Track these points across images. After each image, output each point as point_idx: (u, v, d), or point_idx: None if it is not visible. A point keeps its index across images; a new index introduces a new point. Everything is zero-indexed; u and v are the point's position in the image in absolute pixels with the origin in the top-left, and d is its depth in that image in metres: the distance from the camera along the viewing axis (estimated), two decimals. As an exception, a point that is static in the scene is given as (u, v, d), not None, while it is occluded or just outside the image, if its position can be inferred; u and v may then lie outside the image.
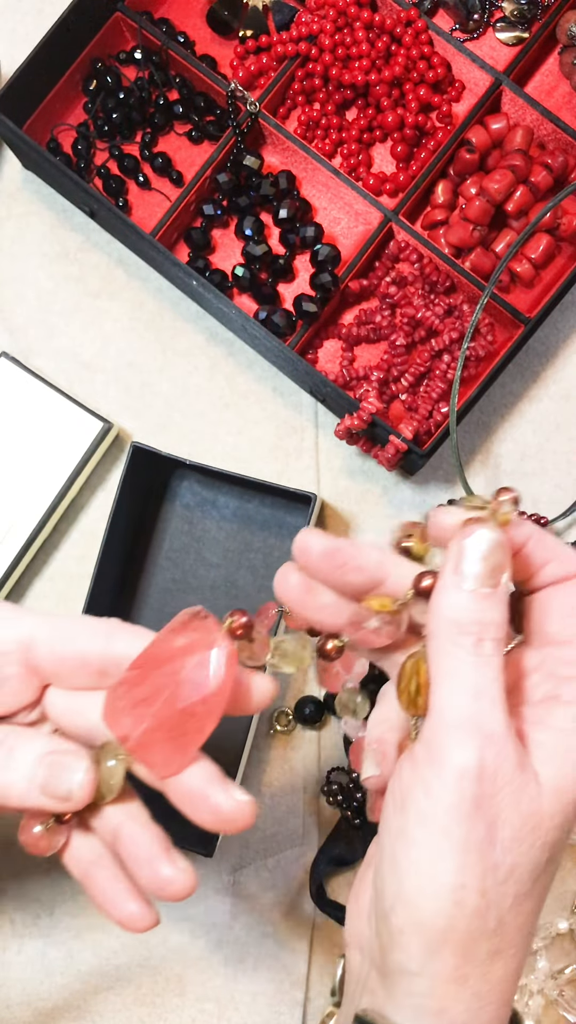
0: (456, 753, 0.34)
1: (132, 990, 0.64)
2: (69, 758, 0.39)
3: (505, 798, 0.34)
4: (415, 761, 0.35)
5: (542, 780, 0.35)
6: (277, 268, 0.70)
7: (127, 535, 0.68)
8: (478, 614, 0.35)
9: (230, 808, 0.39)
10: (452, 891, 0.34)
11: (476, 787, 0.34)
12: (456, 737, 0.34)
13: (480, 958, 0.35)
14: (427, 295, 0.68)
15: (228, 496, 0.68)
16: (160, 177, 0.72)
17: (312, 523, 0.64)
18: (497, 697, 0.35)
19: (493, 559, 0.36)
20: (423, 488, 0.69)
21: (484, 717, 0.35)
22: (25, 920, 0.66)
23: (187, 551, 0.69)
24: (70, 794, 0.39)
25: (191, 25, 0.73)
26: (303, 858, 0.65)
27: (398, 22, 0.69)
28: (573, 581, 0.39)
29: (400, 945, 0.35)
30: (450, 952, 0.34)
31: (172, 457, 0.65)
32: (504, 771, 0.34)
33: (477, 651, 0.35)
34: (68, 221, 0.72)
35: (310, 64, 0.70)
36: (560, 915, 0.65)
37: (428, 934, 0.34)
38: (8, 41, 0.74)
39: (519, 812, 0.34)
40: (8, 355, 0.68)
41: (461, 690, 0.35)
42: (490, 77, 0.68)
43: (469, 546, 0.36)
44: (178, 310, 0.71)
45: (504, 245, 0.69)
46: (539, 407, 0.70)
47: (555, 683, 0.37)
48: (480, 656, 0.35)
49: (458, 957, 0.34)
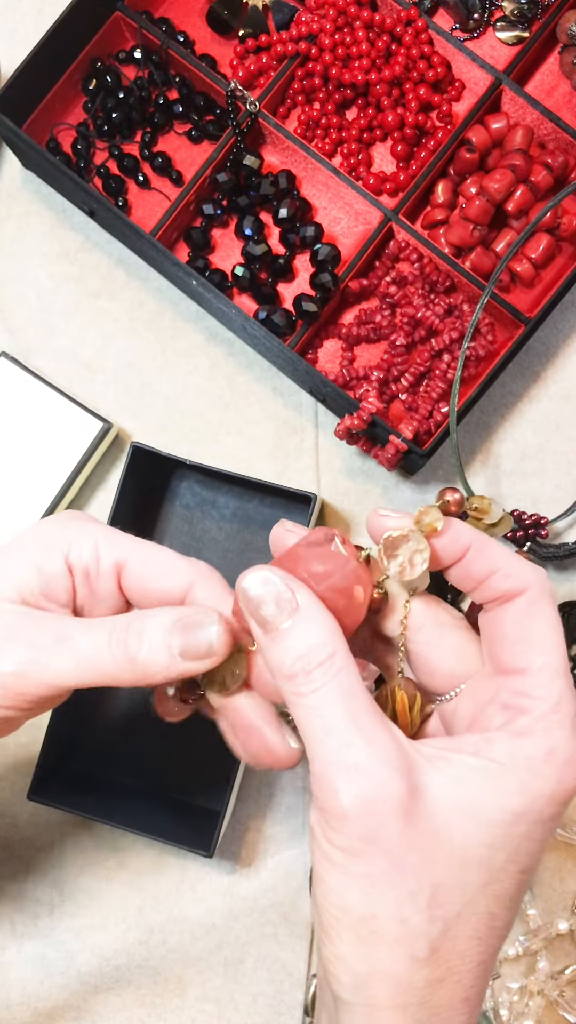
0: (328, 798, 0.33)
1: (132, 991, 0.64)
2: (199, 615, 0.39)
3: (397, 824, 0.33)
4: (312, 810, 0.35)
5: (437, 795, 0.34)
6: (277, 268, 0.70)
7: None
8: (289, 652, 0.34)
9: (283, 751, 0.40)
10: (364, 922, 0.33)
11: (359, 825, 0.33)
12: (324, 783, 0.33)
13: (417, 986, 0.34)
14: (427, 295, 0.68)
15: (228, 496, 0.68)
16: (160, 177, 0.72)
17: (312, 523, 0.64)
18: (350, 727, 0.34)
19: (271, 593, 0.35)
20: (423, 488, 0.69)
21: (341, 754, 0.33)
22: (25, 921, 0.65)
23: (187, 551, 0.68)
24: (210, 647, 0.39)
25: (191, 24, 0.73)
26: (303, 858, 0.65)
27: (398, 21, 0.69)
28: (518, 601, 0.37)
29: (333, 976, 0.35)
30: (379, 982, 0.34)
31: (172, 457, 0.65)
32: (385, 797, 0.33)
33: (310, 686, 0.34)
34: (68, 221, 0.72)
35: (310, 63, 0.70)
36: (560, 915, 0.65)
37: (352, 965, 0.34)
38: (8, 41, 0.74)
39: (420, 833, 0.33)
40: (8, 355, 0.68)
41: (314, 735, 0.34)
42: (490, 76, 0.68)
43: (249, 598, 0.35)
44: (178, 310, 0.71)
45: (504, 245, 0.68)
46: (539, 407, 0.70)
47: (509, 715, 0.36)
48: (314, 692, 0.34)
49: (390, 987, 0.34)
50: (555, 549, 0.66)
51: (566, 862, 0.65)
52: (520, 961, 0.65)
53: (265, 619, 0.35)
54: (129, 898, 0.65)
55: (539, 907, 0.65)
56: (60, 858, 0.66)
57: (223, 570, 0.68)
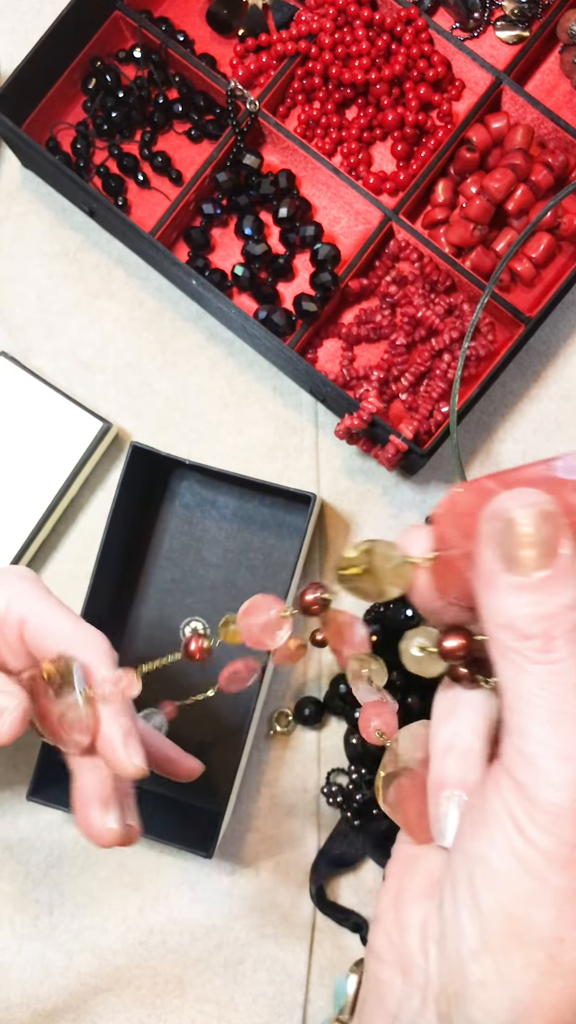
0: (546, 792, 0.28)
1: (131, 991, 0.64)
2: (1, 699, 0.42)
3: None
4: (500, 789, 0.30)
5: None
6: (277, 267, 0.70)
7: (126, 535, 0.67)
8: (537, 607, 0.28)
9: (101, 836, 0.43)
10: (545, 944, 0.29)
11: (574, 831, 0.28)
12: (542, 773, 0.28)
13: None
14: (427, 294, 0.68)
15: (228, 496, 0.68)
16: (159, 176, 0.72)
17: (312, 523, 0.64)
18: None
19: (542, 533, 0.28)
20: (423, 488, 0.69)
21: (571, 744, 0.28)
22: (24, 921, 0.65)
23: (187, 551, 0.68)
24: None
25: (191, 24, 0.73)
26: (303, 859, 0.65)
27: (398, 20, 0.68)
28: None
29: (480, 1001, 0.30)
30: (540, 1018, 0.29)
31: (172, 457, 0.65)
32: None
33: (547, 656, 0.28)
34: (67, 220, 0.72)
35: (310, 63, 0.69)
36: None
37: (517, 993, 0.29)
38: (7, 40, 0.74)
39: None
40: (7, 355, 0.68)
41: (537, 716, 0.29)
42: (490, 76, 0.68)
43: (516, 532, 0.28)
44: (178, 309, 0.71)
45: (504, 244, 0.68)
46: (539, 407, 0.70)
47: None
48: (552, 663, 0.28)
49: (548, 1022, 0.29)
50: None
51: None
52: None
53: (519, 558, 0.28)
54: (129, 898, 0.65)
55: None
56: (60, 858, 0.66)
57: (223, 570, 0.68)
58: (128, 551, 0.68)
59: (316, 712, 0.66)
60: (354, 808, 0.64)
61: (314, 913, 0.65)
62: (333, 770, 0.66)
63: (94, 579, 0.63)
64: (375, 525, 0.69)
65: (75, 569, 0.69)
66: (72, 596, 0.68)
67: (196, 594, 0.68)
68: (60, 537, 0.69)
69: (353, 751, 0.65)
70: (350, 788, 0.65)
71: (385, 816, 0.66)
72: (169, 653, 0.41)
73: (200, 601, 0.68)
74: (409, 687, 0.65)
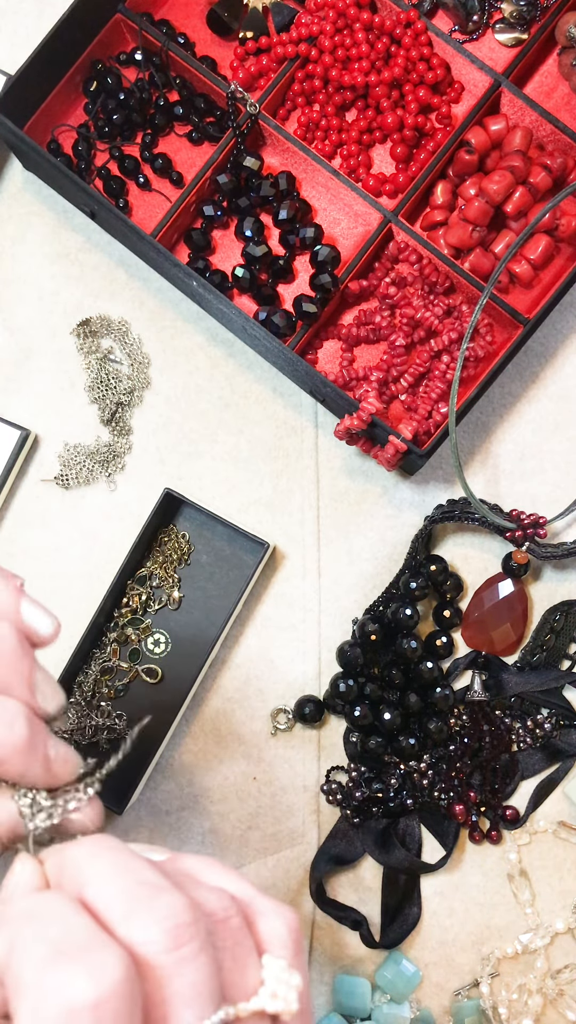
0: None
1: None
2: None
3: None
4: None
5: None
6: (277, 269, 0.70)
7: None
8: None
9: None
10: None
11: None
12: None
13: None
14: (426, 296, 0.68)
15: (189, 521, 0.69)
16: (160, 178, 0.72)
17: (260, 569, 0.65)
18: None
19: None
20: (423, 488, 0.69)
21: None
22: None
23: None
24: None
25: (191, 26, 0.73)
26: (303, 857, 0.66)
27: (397, 23, 0.69)
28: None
29: None
30: None
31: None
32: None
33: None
34: (69, 222, 0.72)
35: (310, 65, 0.70)
36: (559, 914, 0.65)
37: None
38: (9, 42, 0.74)
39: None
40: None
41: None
42: (489, 78, 0.69)
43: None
44: (178, 311, 0.71)
45: (503, 246, 0.69)
46: (538, 407, 0.70)
47: None
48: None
49: None
50: (553, 549, 0.66)
51: (565, 862, 0.66)
52: (519, 960, 0.65)
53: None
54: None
55: (538, 906, 0.65)
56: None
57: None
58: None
59: (316, 711, 0.66)
60: (353, 806, 0.64)
61: (314, 911, 0.65)
62: (333, 768, 0.66)
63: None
64: (375, 525, 0.69)
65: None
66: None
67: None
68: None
69: (353, 749, 0.66)
70: (349, 786, 0.65)
71: (385, 815, 0.67)
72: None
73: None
74: (409, 687, 0.66)
